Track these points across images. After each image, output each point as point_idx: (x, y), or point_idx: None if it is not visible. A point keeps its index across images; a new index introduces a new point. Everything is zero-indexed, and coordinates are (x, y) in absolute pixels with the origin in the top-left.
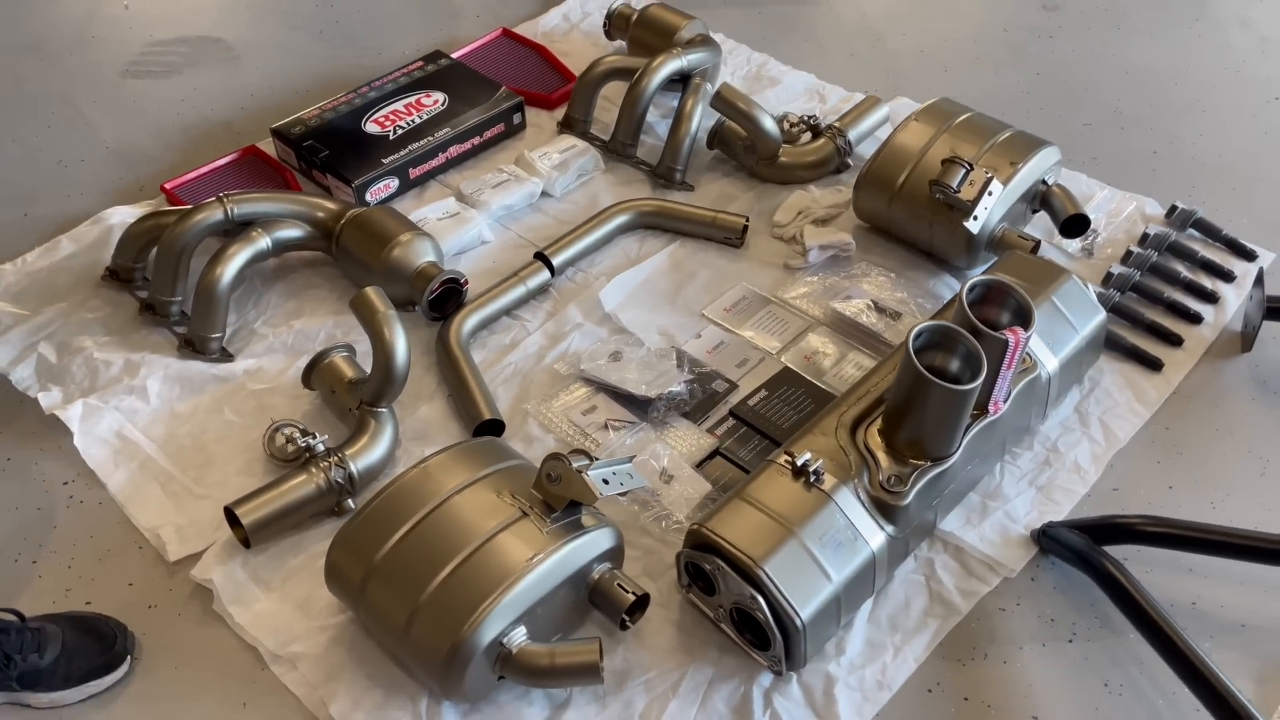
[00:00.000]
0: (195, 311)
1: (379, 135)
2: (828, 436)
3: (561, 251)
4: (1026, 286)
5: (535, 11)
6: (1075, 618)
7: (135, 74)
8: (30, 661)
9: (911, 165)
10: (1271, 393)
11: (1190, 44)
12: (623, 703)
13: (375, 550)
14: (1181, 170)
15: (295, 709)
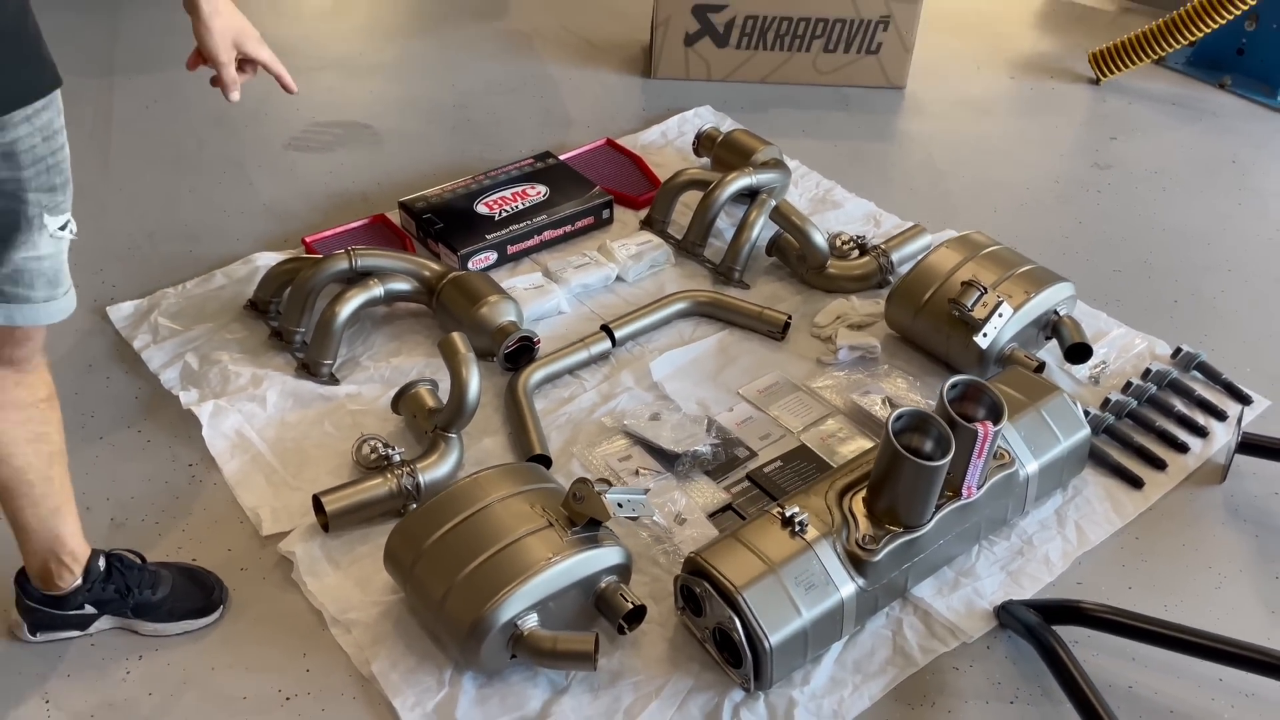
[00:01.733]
0: (314, 341)
1: (487, 215)
2: (818, 498)
3: (624, 326)
4: (1019, 396)
5: (638, 127)
6: (1020, 684)
7: (295, 147)
8: (144, 596)
9: (937, 285)
10: (1241, 520)
11: (1229, 211)
12: (612, 696)
13: (426, 538)
14: (1198, 320)
15: (344, 664)
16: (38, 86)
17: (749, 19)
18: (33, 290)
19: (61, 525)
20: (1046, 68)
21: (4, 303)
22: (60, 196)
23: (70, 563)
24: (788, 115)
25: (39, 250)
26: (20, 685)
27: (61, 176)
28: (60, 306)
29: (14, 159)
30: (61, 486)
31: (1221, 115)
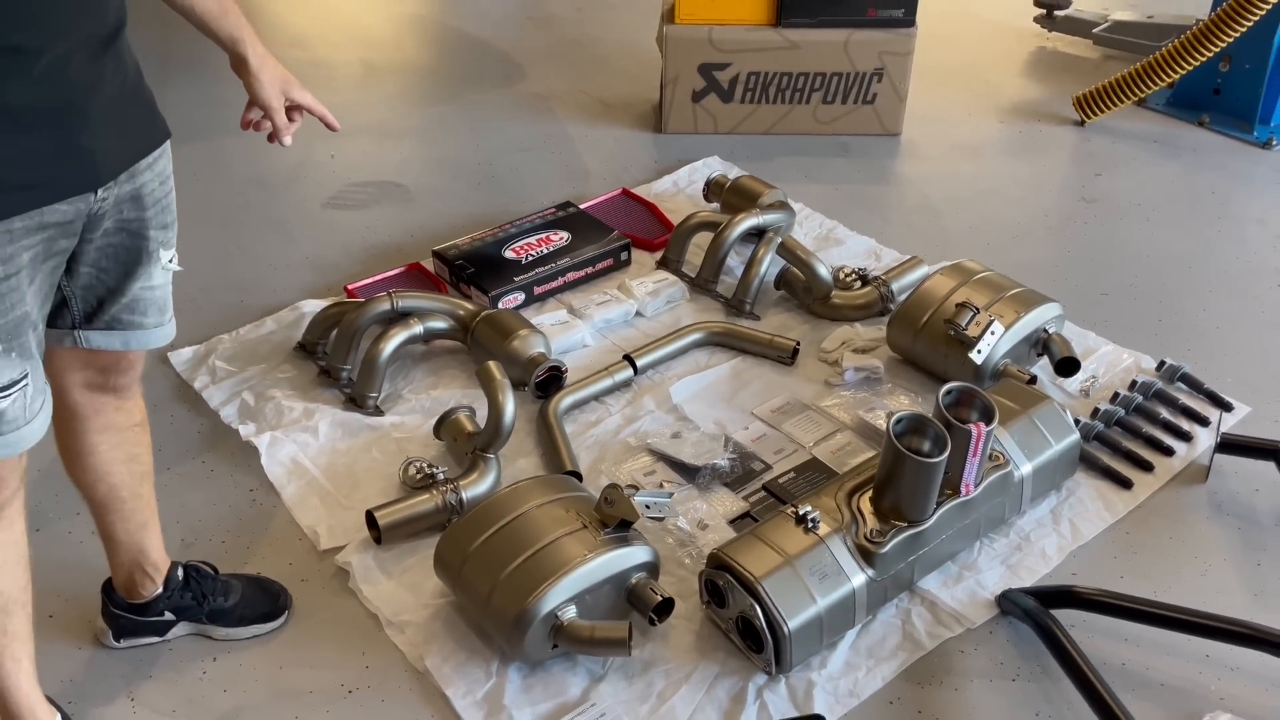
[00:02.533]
0: (360, 376)
1: (514, 260)
2: (829, 498)
3: (644, 356)
4: (1012, 405)
5: (651, 177)
6: (1020, 664)
7: (333, 205)
8: (218, 603)
9: (934, 308)
10: (1224, 515)
11: (1210, 237)
12: (645, 682)
13: (472, 542)
14: (1181, 336)
15: (399, 661)
16: (156, 137)
17: (751, 75)
18: (146, 317)
19: (147, 538)
20: (1034, 112)
21: (121, 330)
22: (171, 233)
23: (153, 572)
24: (791, 163)
25: (154, 281)
26: (108, 687)
27: (172, 215)
28: (166, 332)
29: (140, 201)
30: (149, 503)
31: (1201, 151)
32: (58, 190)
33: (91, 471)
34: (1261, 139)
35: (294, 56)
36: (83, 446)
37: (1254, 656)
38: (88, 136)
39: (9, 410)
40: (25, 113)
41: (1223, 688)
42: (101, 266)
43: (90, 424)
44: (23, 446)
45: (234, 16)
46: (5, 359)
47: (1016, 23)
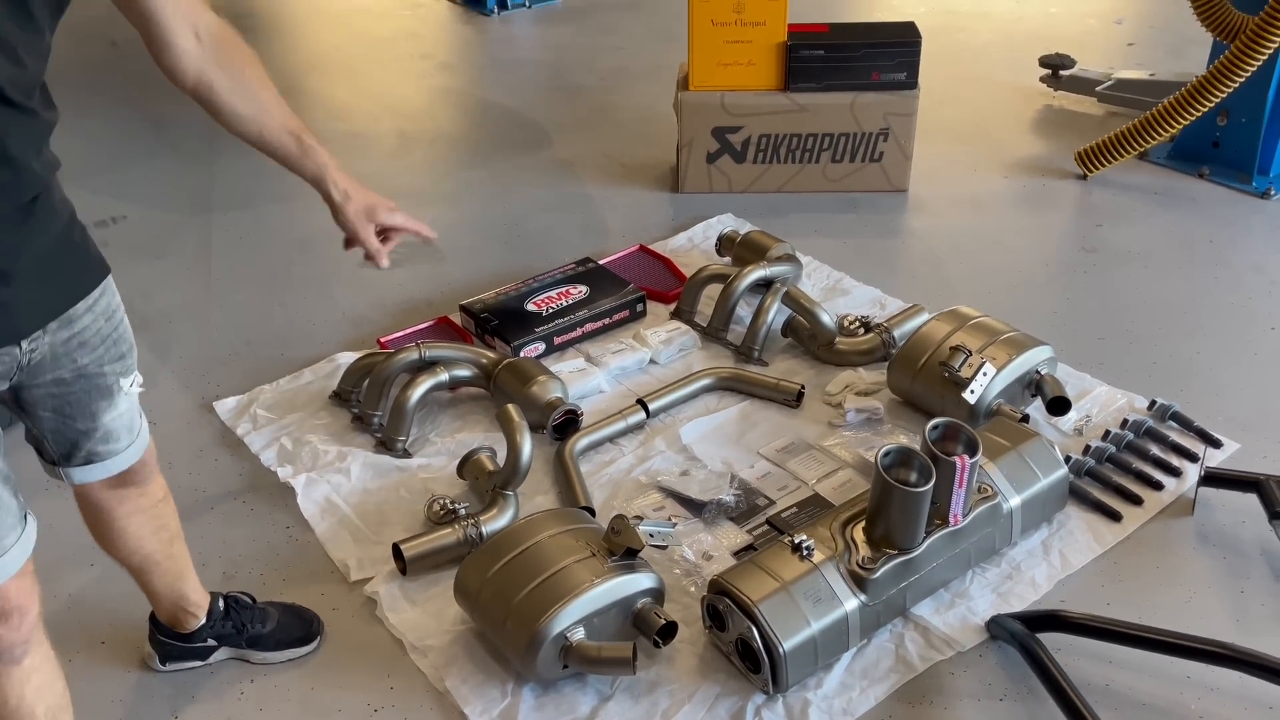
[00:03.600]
0: (390, 420)
1: (535, 312)
2: (824, 528)
3: (656, 400)
4: (1001, 441)
5: (668, 234)
6: (1008, 685)
7: (369, 265)
8: (256, 629)
9: (930, 351)
10: (1210, 545)
11: (1206, 284)
12: (651, 701)
13: (489, 569)
14: (1174, 377)
15: (422, 682)
16: (90, 280)
17: (763, 137)
18: (118, 443)
19: (184, 586)
20: (1038, 168)
21: (99, 461)
22: (129, 360)
23: (195, 610)
24: (802, 219)
25: (120, 409)
26: (155, 707)
27: (127, 344)
28: (137, 448)
29: (86, 344)
30: (181, 558)
31: (1200, 201)
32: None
33: (124, 548)
34: (1260, 189)
35: (335, 128)
36: (113, 531)
37: (1233, 677)
38: (7, 293)
39: None
40: None
41: (1202, 707)
42: (65, 413)
43: (116, 513)
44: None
45: (315, 156)
46: None
47: (1024, 83)
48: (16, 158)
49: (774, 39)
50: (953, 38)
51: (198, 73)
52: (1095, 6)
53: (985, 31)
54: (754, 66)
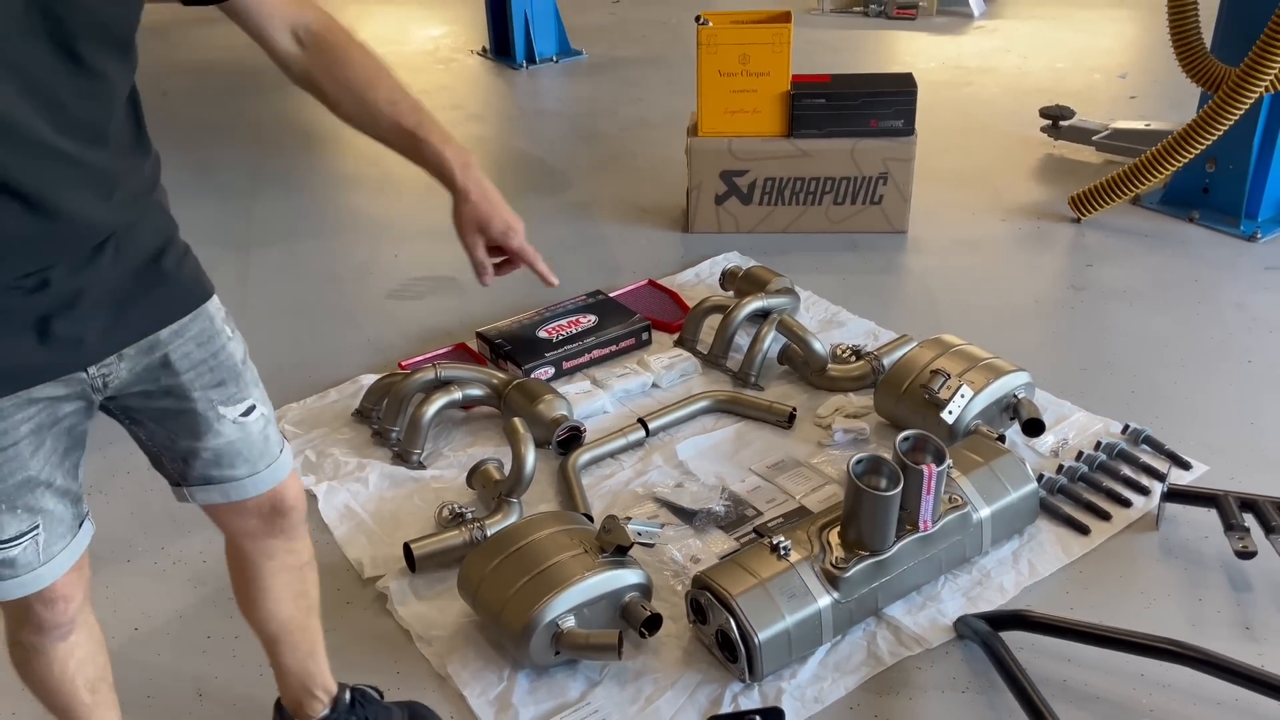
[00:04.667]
0: (406, 435)
1: (546, 339)
2: (802, 532)
3: (656, 420)
4: (974, 457)
5: (677, 270)
6: (970, 679)
7: (394, 297)
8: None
9: (914, 375)
10: (1173, 558)
11: (1189, 320)
12: (636, 688)
13: (490, 563)
14: (1151, 404)
15: (427, 669)
16: (179, 308)
17: (768, 180)
18: (234, 470)
19: (314, 665)
20: (1035, 212)
21: (217, 484)
22: (232, 389)
23: (321, 695)
24: (804, 257)
25: (227, 436)
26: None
27: (226, 372)
28: (265, 478)
29: (171, 367)
30: (315, 633)
31: (1189, 244)
32: (35, 376)
33: (264, 610)
34: (1247, 233)
35: (369, 172)
36: (256, 590)
37: (1185, 675)
38: (73, 326)
39: (20, 557)
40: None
41: (1154, 702)
42: (169, 428)
43: (263, 569)
44: (37, 586)
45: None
46: (12, 515)
47: (1025, 133)
48: (68, 210)
49: (778, 88)
50: (960, 91)
51: (303, 73)
52: (1100, 62)
53: (992, 86)
54: (759, 114)
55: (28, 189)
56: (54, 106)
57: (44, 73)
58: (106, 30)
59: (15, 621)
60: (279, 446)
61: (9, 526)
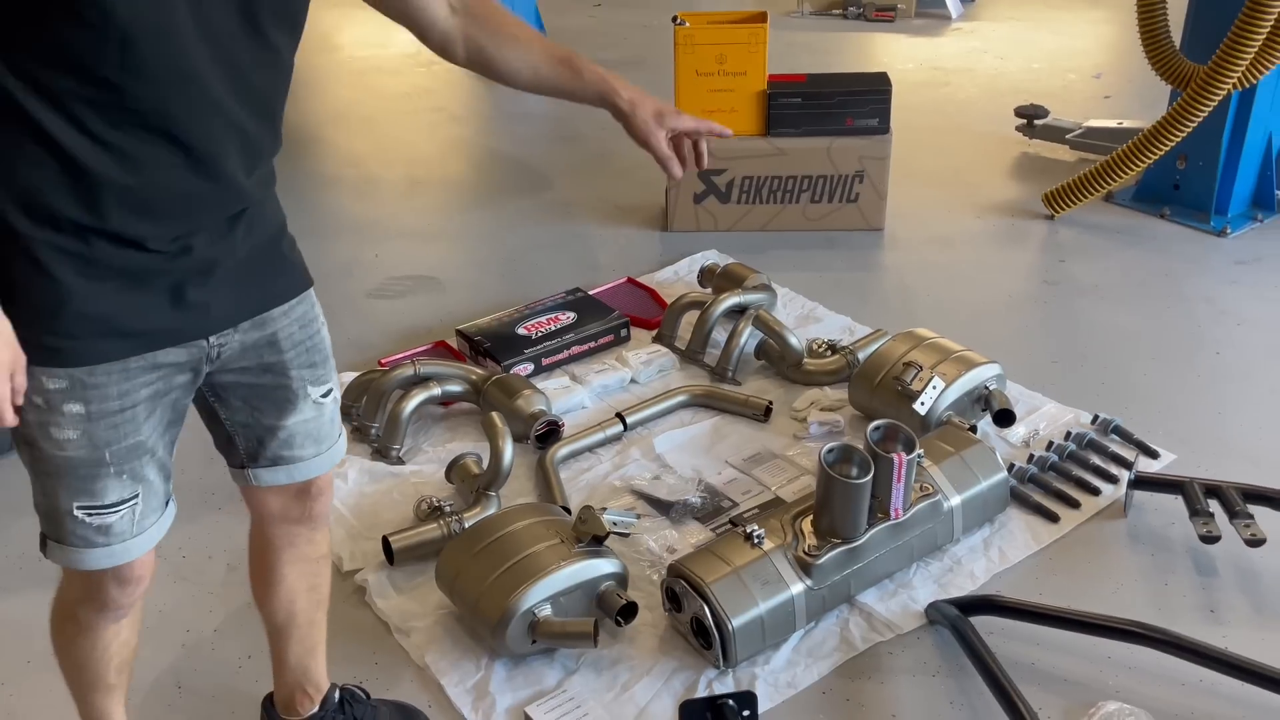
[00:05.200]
0: (385, 430)
1: (525, 335)
2: (775, 520)
3: (634, 414)
4: (945, 446)
5: (654, 268)
6: (941, 662)
7: (375, 296)
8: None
9: (887, 368)
10: (1140, 544)
11: (1160, 313)
12: (612, 675)
13: (467, 554)
14: (1121, 396)
15: (405, 660)
16: (290, 290)
17: (746, 179)
18: (303, 450)
19: (313, 662)
20: (1010, 209)
21: (285, 464)
22: (321, 370)
23: (313, 693)
24: (782, 255)
25: (305, 415)
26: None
27: (321, 354)
28: (325, 459)
29: (276, 345)
30: (320, 629)
31: (1160, 239)
32: (168, 339)
33: (276, 599)
34: (1217, 228)
35: (349, 173)
36: (274, 576)
37: (1151, 656)
38: (204, 294)
39: (117, 524)
40: (144, 276)
41: (1119, 683)
42: (254, 404)
43: (283, 556)
44: (126, 558)
45: (591, 76)
46: (117, 480)
47: (1000, 132)
48: (226, 173)
49: (754, 88)
50: (938, 91)
51: (464, 41)
52: (1076, 63)
53: (969, 86)
54: (736, 113)
55: (200, 148)
56: (235, 74)
57: (231, 40)
58: (286, 5)
59: (82, 597)
60: (339, 430)
61: (113, 490)
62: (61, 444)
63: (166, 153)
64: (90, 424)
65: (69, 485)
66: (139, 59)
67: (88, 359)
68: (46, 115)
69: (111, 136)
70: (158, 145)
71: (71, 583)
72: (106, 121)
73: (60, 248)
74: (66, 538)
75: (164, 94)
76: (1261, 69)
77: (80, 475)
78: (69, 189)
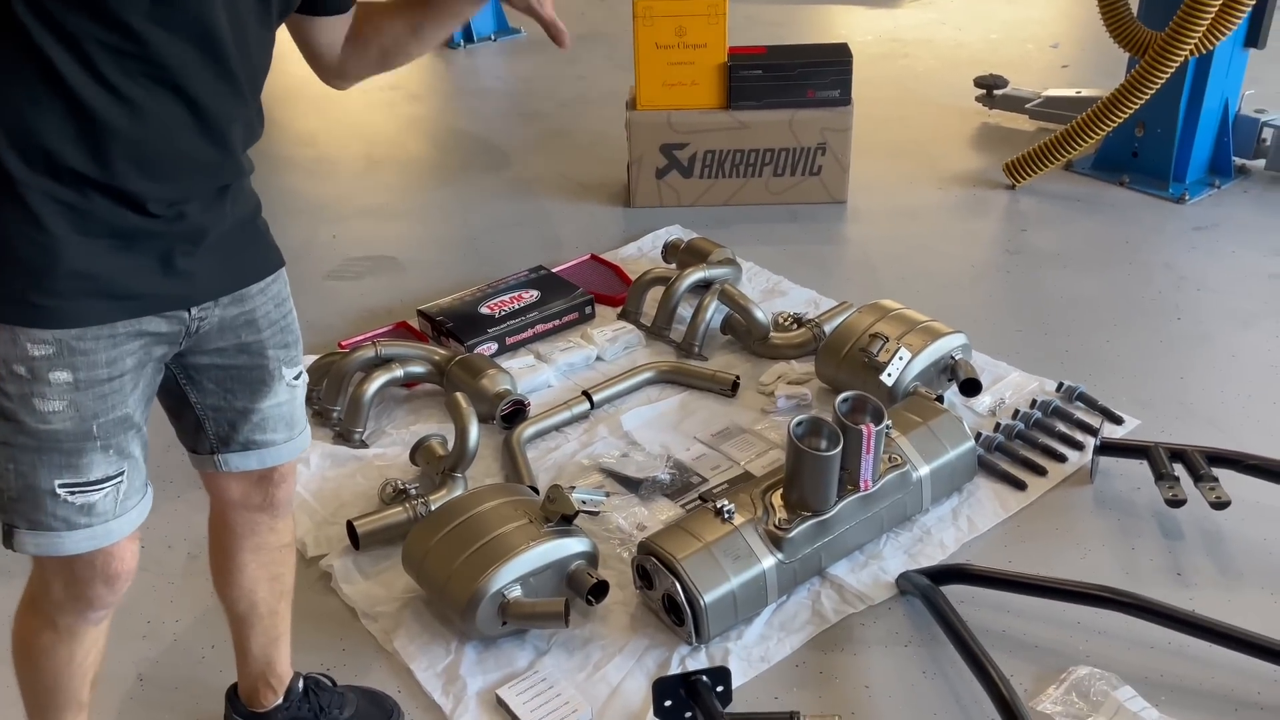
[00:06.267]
0: (347, 413)
1: (489, 315)
2: (745, 495)
3: (601, 391)
4: (913, 417)
5: (618, 245)
6: (913, 632)
7: (333, 277)
8: (333, 715)
9: (853, 340)
10: (1107, 510)
11: (1119, 280)
12: (584, 655)
13: (433, 537)
14: (1084, 363)
15: (372, 645)
16: (267, 267)
17: (708, 153)
18: (276, 434)
19: (276, 652)
20: (972, 180)
21: (256, 449)
22: (293, 351)
23: (276, 684)
24: (746, 229)
25: (279, 398)
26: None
27: (293, 335)
28: (296, 445)
29: (254, 324)
30: (284, 619)
31: (1119, 207)
32: (154, 305)
33: (237, 588)
34: (1175, 195)
35: (303, 153)
36: (234, 564)
37: (1119, 620)
38: (191, 263)
39: (100, 504)
40: (137, 238)
41: (1090, 648)
42: (227, 388)
43: (244, 543)
44: (108, 540)
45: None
46: (104, 455)
47: (961, 103)
48: (229, 142)
49: (715, 60)
50: (897, 63)
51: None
52: (1033, 32)
53: (928, 58)
54: (697, 86)
55: (211, 110)
56: (244, 46)
57: (248, 13)
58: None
59: (63, 599)
60: (305, 415)
61: (98, 466)
62: (46, 416)
63: (179, 110)
64: (78, 393)
65: (51, 461)
66: (167, 10)
67: (78, 319)
68: (63, 58)
69: (126, 87)
70: (171, 102)
71: (50, 585)
72: (123, 70)
73: (58, 198)
74: (44, 521)
75: (185, 50)
76: (1217, 35)
77: (65, 450)
78: (75, 137)
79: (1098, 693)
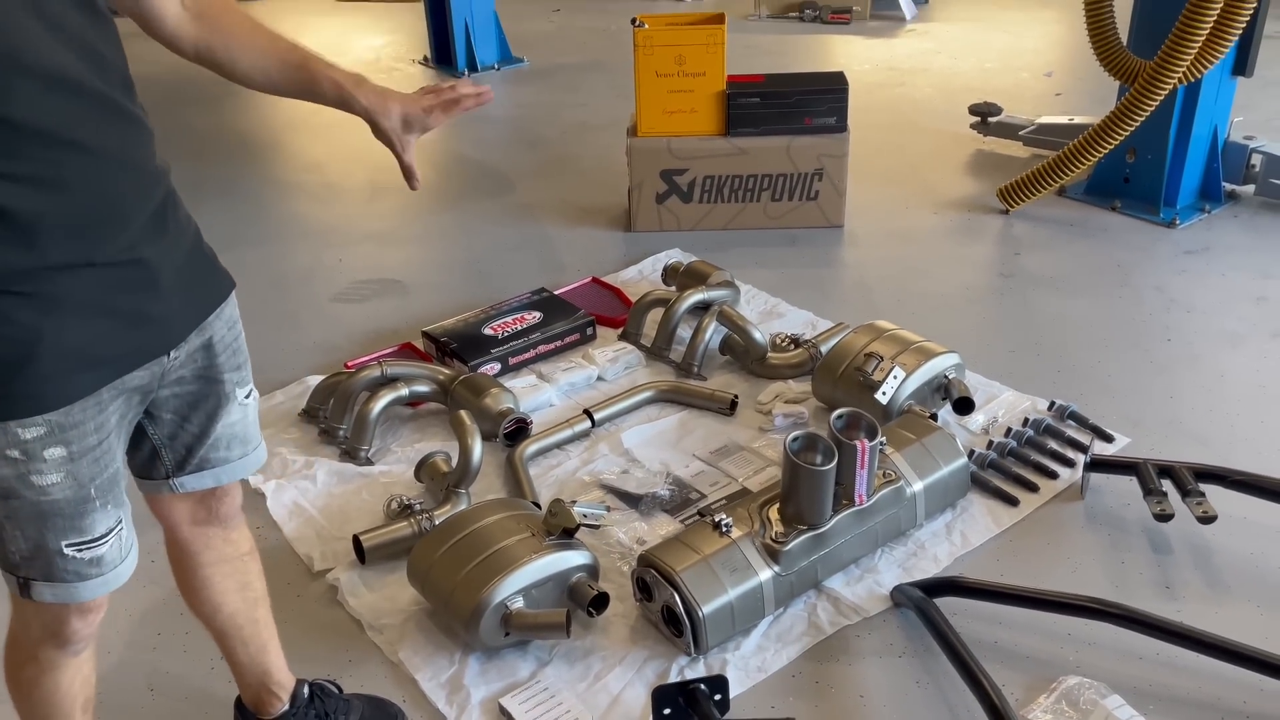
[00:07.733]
0: (353, 431)
1: (492, 335)
2: (743, 509)
3: (602, 410)
4: (907, 434)
5: (619, 267)
6: (907, 644)
7: (339, 300)
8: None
9: (849, 360)
10: (1098, 525)
11: (1111, 302)
12: (585, 665)
13: (438, 549)
14: (1076, 383)
15: (378, 656)
16: (222, 291)
17: (707, 178)
18: (230, 451)
19: (268, 660)
20: (966, 205)
21: (211, 468)
22: (245, 371)
23: (278, 691)
24: (745, 252)
25: (233, 417)
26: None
27: (243, 355)
28: (252, 461)
29: (210, 349)
30: (265, 626)
31: (1111, 231)
32: (135, 360)
33: (208, 603)
34: (1166, 219)
35: (309, 179)
36: (198, 580)
37: (1109, 632)
38: (159, 306)
39: (108, 554)
40: (105, 298)
41: (1080, 659)
42: (183, 415)
43: (202, 559)
44: (117, 584)
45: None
46: (102, 511)
47: (955, 130)
48: (134, 158)
49: (714, 88)
50: (893, 92)
51: (194, 41)
52: (1027, 61)
53: (924, 86)
54: (696, 114)
55: (94, 143)
56: (93, 55)
57: (76, 24)
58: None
59: (42, 635)
60: (259, 433)
61: (100, 523)
62: (45, 489)
63: (74, 156)
64: (74, 464)
65: (54, 526)
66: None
67: (64, 398)
68: None
69: (16, 168)
70: (63, 152)
71: (29, 623)
72: (6, 156)
73: (15, 293)
74: (58, 575)
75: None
76: (1205, 64)
77: (67, 515)
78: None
79: (1087, 701)
